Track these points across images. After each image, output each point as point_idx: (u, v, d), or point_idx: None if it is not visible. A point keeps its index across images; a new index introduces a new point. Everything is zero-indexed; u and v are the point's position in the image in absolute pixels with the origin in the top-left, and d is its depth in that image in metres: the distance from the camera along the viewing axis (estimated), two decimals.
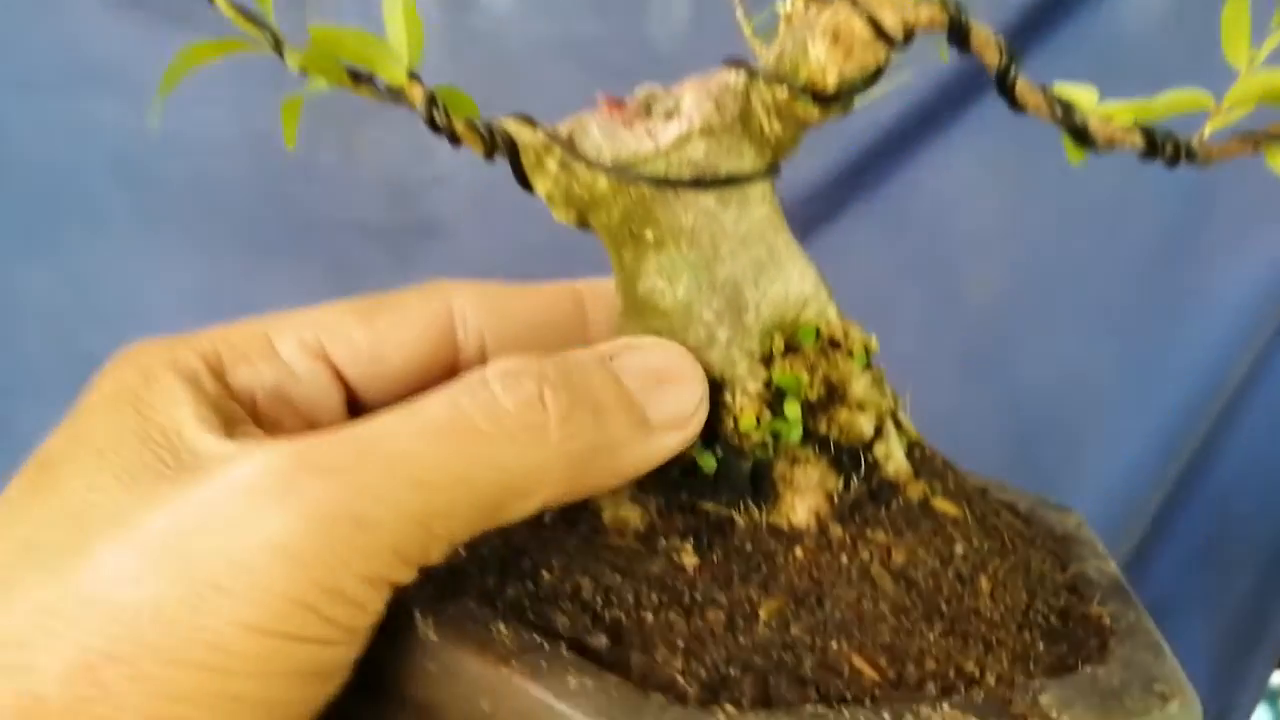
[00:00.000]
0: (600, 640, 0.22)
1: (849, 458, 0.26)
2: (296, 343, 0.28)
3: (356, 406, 0.30)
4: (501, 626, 0.22)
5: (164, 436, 0.24)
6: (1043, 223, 0.70)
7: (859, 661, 0.22)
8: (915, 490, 0.27)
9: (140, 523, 0.21)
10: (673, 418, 0.25)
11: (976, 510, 0.28)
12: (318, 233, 0.63)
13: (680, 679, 0.21)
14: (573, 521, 0.25)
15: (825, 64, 0.25)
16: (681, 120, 0.26)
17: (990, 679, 0.22)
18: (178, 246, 0.64)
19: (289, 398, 0.28)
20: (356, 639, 0.22)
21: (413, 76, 0.27)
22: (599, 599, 0.23)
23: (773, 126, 0.26)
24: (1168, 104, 0.28)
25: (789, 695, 0.21)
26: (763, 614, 0.23)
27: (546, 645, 0.21)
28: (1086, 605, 0.26)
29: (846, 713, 0.20)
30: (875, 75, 0.26)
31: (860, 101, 0.28)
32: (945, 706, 0.20)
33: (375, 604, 0.21)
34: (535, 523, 0.25)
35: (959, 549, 0.25)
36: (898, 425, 0.29)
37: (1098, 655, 0.24)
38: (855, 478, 0.26)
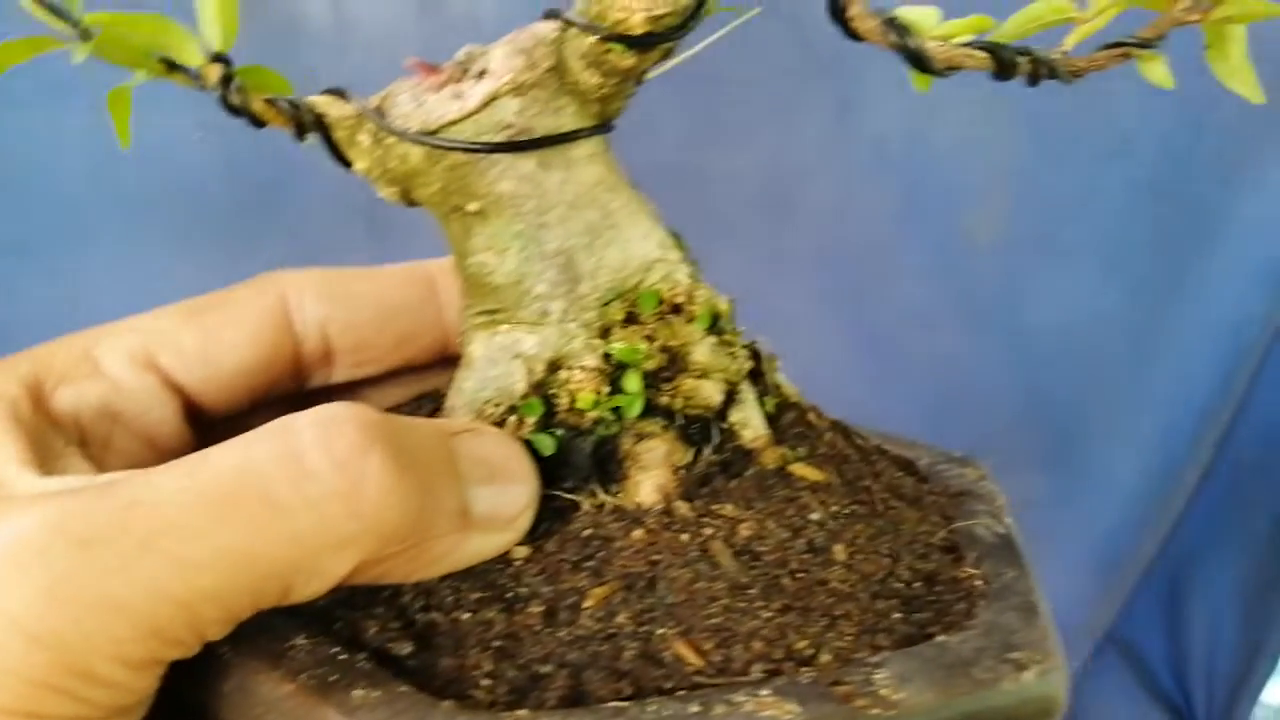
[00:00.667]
0: (405, 648, 0.20)
1: (698, 429, 0.25)
2: (123, 354, 0.27)
3: (197, 412, 0.28)
4: (302, 639, 0.20)
5: None
6: (1045, 158, 0.68)
7: (683, 648, 0.20)
8: (772, 457, 0.25)
9: None
10: (495, 517, 0.22)
11: (848, 473, 0.26)
12: (299, 216, 0.62)
13: (485, 682, 0.20)
14: None
15: (631, 4, 0.23)
16: (490, 79, 0.24)
17: (825, 657, 0.20)
18: (160, 250, 0.63)
19: (118, 414, 0.27)
20: (127, 713, 0.20)
21: (217, 58, 0.26)
22: (417, 602, 0.22)
23: (590, 79, 0.25)
24: (1030, 17, 0.26)
25: (602, 691, 0.19)
26: (588, 604, 0.21)
27: (345, 657, 0.20)
28: (959, 567, 0.24)
29: (651, 707, 0.18)
30: (695, 11, 0.24)
31: (691, 46, 0.26)
32: (765, 692, 0.19)
33: (140, 684, 0.19)
34: None
35: (815, 516, 0.24)
36: (766, 387, 0.27)
37: (963, 621, 0.22)
38: (706, 449, 0.25)
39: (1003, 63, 0.24)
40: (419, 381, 0.31)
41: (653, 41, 0.24)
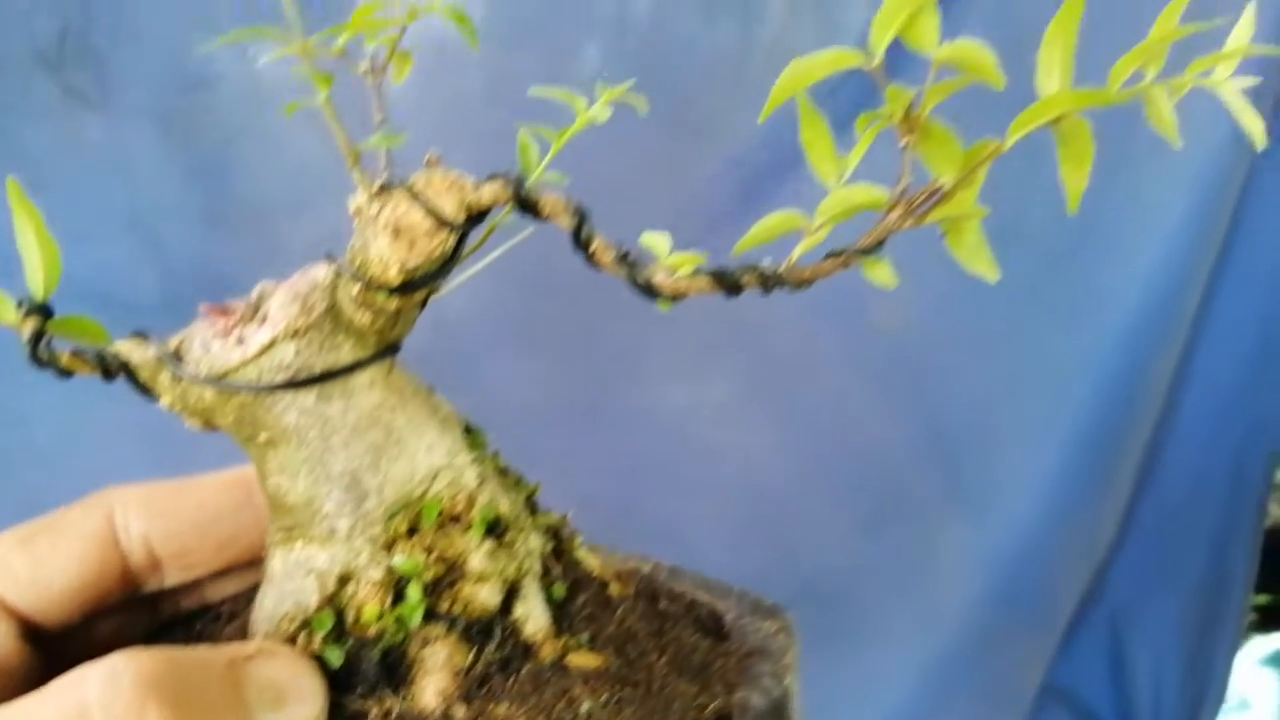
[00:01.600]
0: None
1: (480, 629, 0.27)
2: None
3: (35, 629, 0.30)
4: None
5: None
6: (937, 242, 0.72)
7: None
8: (551, 649, 0.27)
9: None
10: None
11: (631, 652, 0.28)
12: None
13: None
14: None
15: (387, 259, 0.26)
16: (268, 326, 0.27)
17: None
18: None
19: None
20: None
21: (36, 309, 0.28)
22: None
23: (362, 318, 0.27)
24: (765, 229, 0.28)
25: None
26: None
27: None
28: None
29: None
30: (451, 258, 0.27)
31: (452, 281, 0.28)
32: None
33: None
34: None
35: (584, 708, 0.26)
36: (562, 568, 0.29)
37: None
38: (489, 648, 0.27)
39: (728, 285, 0.27)
40: (256, 571, 0.33)
41: (411, 288, 0.27)
